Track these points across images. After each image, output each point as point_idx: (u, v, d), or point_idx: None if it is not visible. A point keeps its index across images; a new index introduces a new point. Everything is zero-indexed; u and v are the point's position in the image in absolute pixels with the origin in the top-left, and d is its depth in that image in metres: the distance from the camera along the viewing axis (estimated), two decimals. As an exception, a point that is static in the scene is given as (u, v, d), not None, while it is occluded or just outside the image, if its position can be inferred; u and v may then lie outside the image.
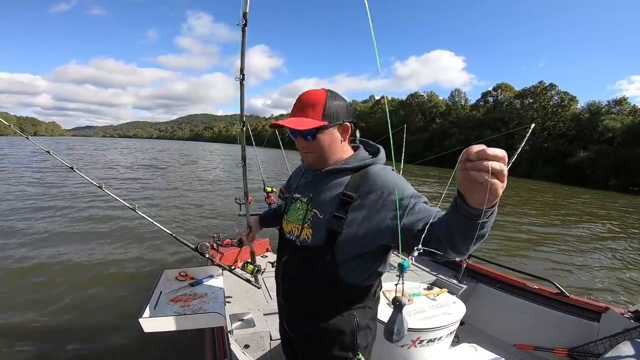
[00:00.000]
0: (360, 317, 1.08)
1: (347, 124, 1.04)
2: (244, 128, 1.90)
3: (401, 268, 0.67)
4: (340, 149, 1.07)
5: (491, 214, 0.65)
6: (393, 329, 0.70)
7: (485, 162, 0.55)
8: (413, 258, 0.68)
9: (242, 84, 1.58)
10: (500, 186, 0.57)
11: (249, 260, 2.44)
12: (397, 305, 0.69)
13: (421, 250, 0.71)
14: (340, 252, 1.00)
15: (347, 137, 1.07)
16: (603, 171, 32.59)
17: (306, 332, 1.12)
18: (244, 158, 2.00)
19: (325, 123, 1.00)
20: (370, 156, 1.08)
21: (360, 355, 1.08)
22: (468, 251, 0.77)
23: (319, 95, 1.02)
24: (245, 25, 1.52)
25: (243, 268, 2.38)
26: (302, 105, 1.02)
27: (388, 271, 1.12)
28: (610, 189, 28.53)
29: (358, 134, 1.14)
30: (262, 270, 2.47)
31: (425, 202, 0.93)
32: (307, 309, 1.11)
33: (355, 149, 1.13)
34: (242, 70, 1.56)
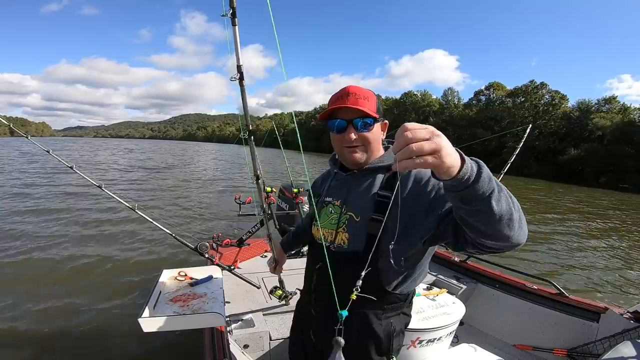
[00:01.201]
0: (396, 323, 1.04)
1: (387, 122, 1.06)
2: (252, 139, 1.77)
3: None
4: (381, 148, 1.06)
5: (473, 181, 0.58)
6: None
7: (408, 149, 0.52)
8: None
9: (241, 84, 1.44)
10: (430, 147, 0.52)
11: (277, 285, 2.25)
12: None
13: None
14: (383, 258, 0.92)
15: (385, 135, 1.07)
16: (593, 169, 33.02)
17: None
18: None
19: (378, 117, 0.99)
20: None
21: (395, 358, 1.05)
22: (496, 234, 0.66)
23: (368, 90, 1.00)
24: (234, 16, 1.33)
25: (272, 293, 2.21)
26: (357, 96, 0.96)
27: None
28: (600, 186, 28.85)
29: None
30: (291, 295, 2.28)
31: None
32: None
33: (385, 149, 1.09)
34: (239, 68, 1.41)
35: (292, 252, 1.52)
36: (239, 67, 1.40)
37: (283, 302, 2.23)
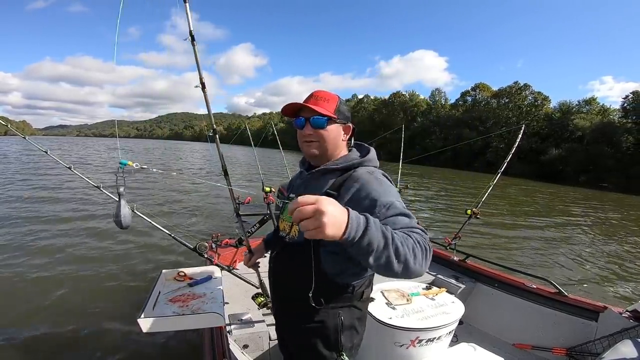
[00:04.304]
0: (345, 316, 1.07)
1: (351, 125, 1.14)
2: (217, 137, 1.81)
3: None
4: (339, 147, 1.13)
5: (356, 241, 0.69)
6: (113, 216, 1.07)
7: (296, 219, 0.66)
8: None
9: (204, 91, 1.63)
10: (313, 224, 0.64)
11: (260, 291, 2.10)
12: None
13: None
14: (322, 248, 1.02)
15: (347, 138, 1.14)
16: (573, 168, 34.02)
17: (293, 327, 1.13)
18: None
19: (336, 117, 1.08)
20: (359, 157, 1.11)
21: (345, 357, 1.07)
22: (391, 273, 0.77)
23: (332, 94, 1.10)
24: (193, 40, 1.56)
25: (253, 299, 2.07)
26: (318, 98, 1.08)
27: None
28: (580, 185, 29.67)
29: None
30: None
31: (403, 215, 0.90)
32: (293, 304, 1.11)
33: (350, 151, 1.18)
34: (200, 80, 1.61)
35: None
36: (201, 79, 1.60)
37: (264, 309, 2.10)
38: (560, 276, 5.40)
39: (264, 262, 1.56)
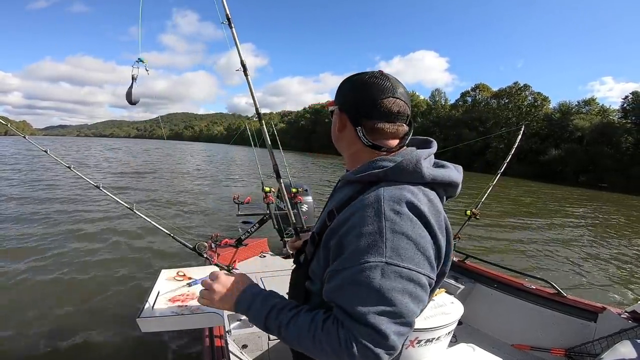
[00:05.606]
0: None
1: (338, 109, 0.83)
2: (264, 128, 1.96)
3: None
4: (349, 143, 0.83)
5: (247, 312, 0.75)
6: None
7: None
8: None
9: (246, 74, 1.69)
10: (207, 297, 0.79)
11: None
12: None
13: None
14: (311, 278, 0.82)
15: (343, 128, 0.83)
16: (573, 169, 34.05)
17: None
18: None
19: (331, 104, 0.86)
20: (385, 167, 0.73)
21: None
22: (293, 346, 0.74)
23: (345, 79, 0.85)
24: (230, 23, 1.65)
25: None
26: None
27: None
28: (580, 185, 29.70)
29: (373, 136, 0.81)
30: None
31: (367, 292, 0.61)
32: None
33: (384, 154, 0.80)
34: (241, 62, 1.69)
35: None
36: (242, 61, 1.68)
37: None
38: (559, 277, 5.40)
39: (262, 262, 1.56)
